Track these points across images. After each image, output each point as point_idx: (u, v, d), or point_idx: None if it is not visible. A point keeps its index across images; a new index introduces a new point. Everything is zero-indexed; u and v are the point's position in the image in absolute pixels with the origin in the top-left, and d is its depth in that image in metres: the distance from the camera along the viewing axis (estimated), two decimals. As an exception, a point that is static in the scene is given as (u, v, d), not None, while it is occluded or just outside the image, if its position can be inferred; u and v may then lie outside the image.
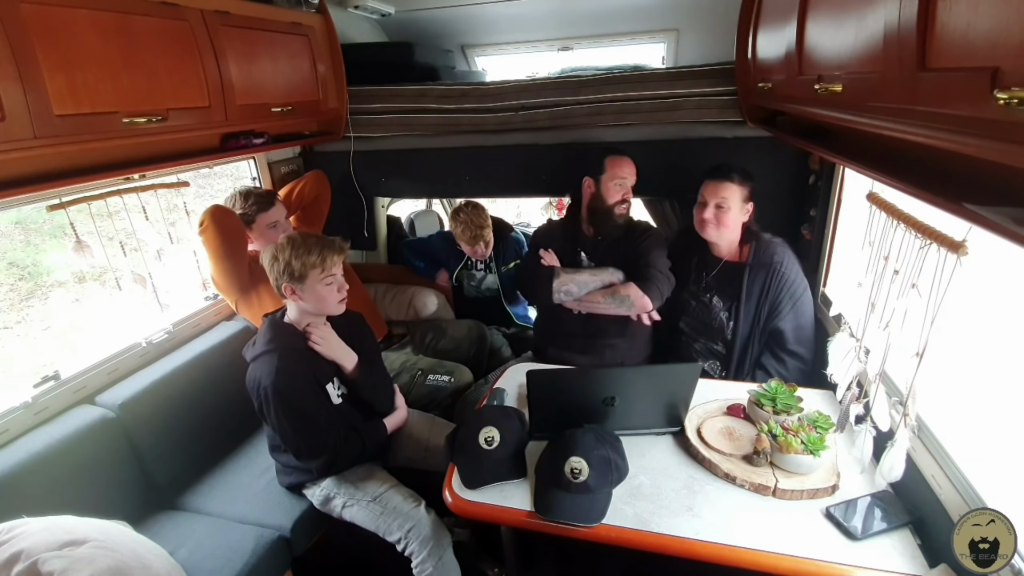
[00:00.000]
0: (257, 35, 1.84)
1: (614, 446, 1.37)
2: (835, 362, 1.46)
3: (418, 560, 1.58)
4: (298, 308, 1.61)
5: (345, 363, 1.65)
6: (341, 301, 1.62)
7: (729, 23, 1.94)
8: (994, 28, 0.58)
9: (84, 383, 1.75)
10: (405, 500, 1.64)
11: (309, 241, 1.56)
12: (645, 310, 1.87)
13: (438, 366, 2.20)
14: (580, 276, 1.92)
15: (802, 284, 1.78)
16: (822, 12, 1.15)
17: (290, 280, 1.54)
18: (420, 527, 1.59)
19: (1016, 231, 0.64)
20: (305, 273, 1.53)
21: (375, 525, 1.62)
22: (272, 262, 1.55)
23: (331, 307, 1.61)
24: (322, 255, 1.54)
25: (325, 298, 1.58)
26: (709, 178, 1.81)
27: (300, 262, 1.52)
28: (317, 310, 1.61)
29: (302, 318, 1.62)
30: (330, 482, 1.68)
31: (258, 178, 2.43)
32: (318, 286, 1.56)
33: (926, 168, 0.93)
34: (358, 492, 1.66)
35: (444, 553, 1.60)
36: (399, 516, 1.61)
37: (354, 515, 1.65)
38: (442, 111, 2.31)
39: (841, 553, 1.12)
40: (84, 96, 1.28)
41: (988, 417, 1.23)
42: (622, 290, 1.87)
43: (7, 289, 4.25)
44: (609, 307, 1.89)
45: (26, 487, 1.44)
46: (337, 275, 1.60)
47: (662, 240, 1.99)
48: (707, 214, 1.79)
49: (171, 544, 1.51)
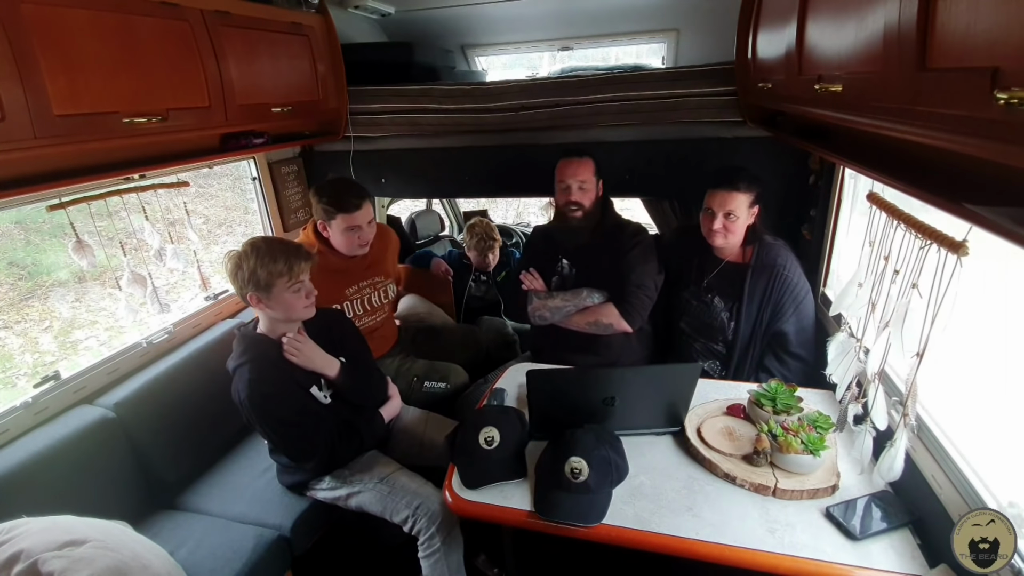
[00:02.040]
0: (257, 35, 1.84)
1: (614, 446, 1.37)
2: (834, 362, 1.46)
3: (426, 536, 1.57)
4: (267, 317, 1.57)
5: (326, 371, 1.62)
6: (308, 307, 1.57)
7: (729, 23, 1.94)
8: (994, 28, 0.58)
9: (84, 383, 1.75)
10: (412, 479, 1.65)
11: (275, 248, 1.50)
12: (626, 333, 1.90)
13: (432, 371, 2.18)
14: (553, 302, 1.93)
15: (804, 287, 1.77)
16: (822, 12, 1.15)
17: (255, 289, 1.48)
18: (429, 503, 1.58)
19: (1016, 231, 0.64)
20: (271, 282, 1.47)
21: (383, 506, 1.61)
22: (236, 270, 1.49)
23: (299, 313, 1.56)
24: (288, 263, 1.48)
25: (293, 305, 1.53)
26: (715, 187, 1.75)
27: (266, 271, 1.46)
28: (285, 318, 1.56)
29: (274, 326, 1.58)
30: (337, 473, 1.67)
31: (258, 178, 2.43)
32: (285, 294, 1.50)
33: (926, 168, 0.93)
34: (365, 477, 1.66)
35: (453, 528, 1.59)
36: (407, 494, 1.60)
37: (361, 501, 1.64)
38: (442, 111, 2.31)
39: (841, 553, 1.11)
40: (84, 96, 1.28)
41: (988, 416, 1.23)
42: (603, 318, 1.88)
43: (7, 289, 4.25)
44: (594, 332, 1.91)
45: (26, 487, 1.44)
46: (305, 281, 1.54)
47: (651, 249, 1.94)
48: (716, 225, 1.75)
49: (171, 544, 1.51)
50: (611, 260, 1.93)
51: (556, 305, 1.92)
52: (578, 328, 1.92)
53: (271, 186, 2.46)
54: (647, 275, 1.90)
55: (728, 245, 1.82)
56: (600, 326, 1.89)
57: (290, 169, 2.55)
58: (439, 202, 4.04)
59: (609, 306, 1.88)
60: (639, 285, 1.88)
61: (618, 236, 1.95)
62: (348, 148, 2.46)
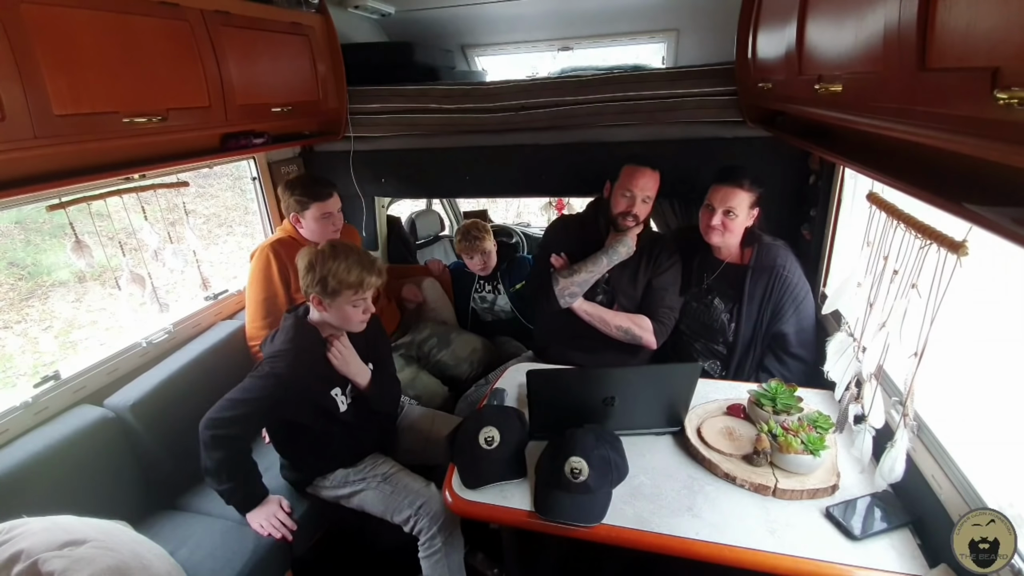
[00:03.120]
0: (257, 35, 1.84)
1: (614, 446, 1.37)
2: (833, 361, 1.46)
3: (427, 536, 1.58)
4: (320, 317, 1.59)
5: (359, 380, 1.64)
6: (362, 322, 1.60)
7: (729, 23, 1.93)
8: (994, 28, 0.58)
9: (84, 383, 1.75)
10: (415, 479, 1.67)
11: (351, 259, 1.51)
12: (650, 348, 1.90)
13: (408, 387, 2.18)
14: (578, 277, 1.90)
15: (804, 287, 1.77)
16: (822, 12, 1.15)
17: (322, 292, 1.51)
18: (431, 503, 1.60)
19: (1016, 231, 0.64)
20: (339, 291, 1.50)
21: (384, 506, 1.63)
22: (308, 268, 1.52)
23: (353, 326, 1.60)
24: (360, 277, 1.51)
25: (350, 317, 1.56)
26: (719, 182, 1.76)
27: (337, 280, 1.48)
28: (338, 325, 1.59)
29: (324, 327, 1.61)
30: (340, 472, 1.69)
31: (258, 178, 2.43)
32: (347, 306, 1.53)
33: (926, 168, 0.93)
34: (367, 476, 1.67)
35: (454, 529, 1.61)
36: (410, 494, 1.62)
37: (364, 500, 1.66)
38: (443, 111, 2.30)
39: (841, 553, 1.12)
40: (84, 96, 1.28)
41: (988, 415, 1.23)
42: (636, 328, 1.88)
43: (7, 289, 4.25)
44: (618, 337, 1.90)
45: (26, 487, 1.44)
46: (367, 298, 1.57)
47: (680, 270, 1.95)
48: (715, 221, 1.75)
49: (171, 544, 1.51)
50: (645, 275, 1.93)
51: (582, 279, 1.89)
52: (606, 329, 1.90)
53: (271, 186, 2.46)
54: (677, 297, 1.93)
55: (725, 244, 1.82)
56: (631, 335, 1.88)
57: (290, 169, 2.55)
58: (439, 202, 4.04)
59: (645, 320, 1.88)
60: (671, 307, 1.91)
61: (652, 249, 1.95)
62: (348, 148, 2.46)
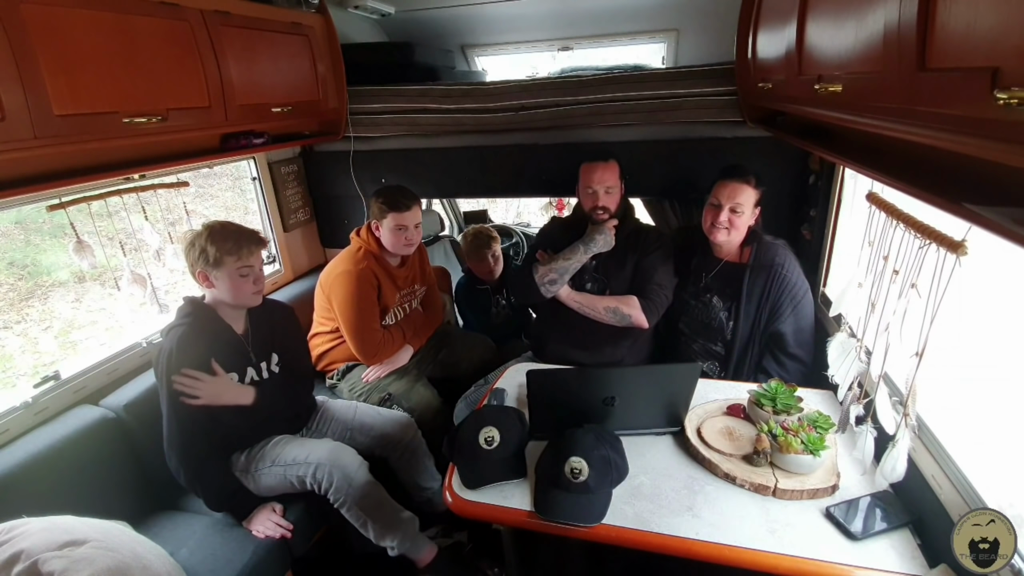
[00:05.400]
0: (257, 35, 1.84)
1: (614, 446, 1.37)
2: (835, 362, 1.46)
3: (332, 491, 1.62)
4: (212, 296, 1.60)
5: (240, 402, 1.61)
6: (255, 294, 1.61)
7: (729, 23, 1.94)
8: (994, 28, 0.58)
9: (84, 383, 1.75)
10: (301, 447, 1.68)
11: (228, 230, 1.56)
12: (642, 328, 1.89)
13: (403, 398, 2.17)
14: (555, 264, 1.90)
15: (803, 286, 1.77)
16: (822, 12, 1.15)
17: (204, 265, 1.53)
18: (320, 462, 1.63)
19: (1016, 231, 0.64)
20: (221, 259, 1.52)
21: (287, 485, 1.66)
22: (188, 248, 1.55)
23: (245, 299, 1.61)
24: (239, 243, 1.54)
25: (241, 288, 1.57)
26: (725, 178, 1.74)
27: (216, 248, 1.52)
28: (232, 301, 1.60)
29: (219, 307, 1.61)
30: (243, 459, 1.70)
31: (258, 178, 2.43)
32: (234, 276, 1.55)
33: (926, 168, 0.93)
34: (254, 467, 1.68)
35: (355, 473, 1.64)
36: (297, 464, 1.64)
37: (267, 485, 1.68)
38: (443, 111, 2.31)
39: (841, 553, 1.11)
40: (84, 96, 1.28)
41: (987, 415, 1.23)
42: (624, 308, 1.87)
43: (7, 289, 4.25)
44: (609, 320, 1.89)
45: (26, 487, 1.44)
46: (254, 267, 1.58)
47: (671, 253, 1.95)
48: (722, 217, 1.73)
49: (171, 544, 1.51)
50: (632, 259, 1.93)
51: (559, 266, 1.89)
52: (596, 315, 1.90)
53: (271, 186, 2.47)
54: (667, 276, 1.91)
55: (729, 242, 1.81)
56: (619, 315, 1.87)
57: (290, 169, 2.55)
58: (439, 202, 4.04)
59: (632, 299, 1.88)
60: (660, 284, 1.89)
61: (639, 242, 1.95)
62: (348, 148, 2.46)
